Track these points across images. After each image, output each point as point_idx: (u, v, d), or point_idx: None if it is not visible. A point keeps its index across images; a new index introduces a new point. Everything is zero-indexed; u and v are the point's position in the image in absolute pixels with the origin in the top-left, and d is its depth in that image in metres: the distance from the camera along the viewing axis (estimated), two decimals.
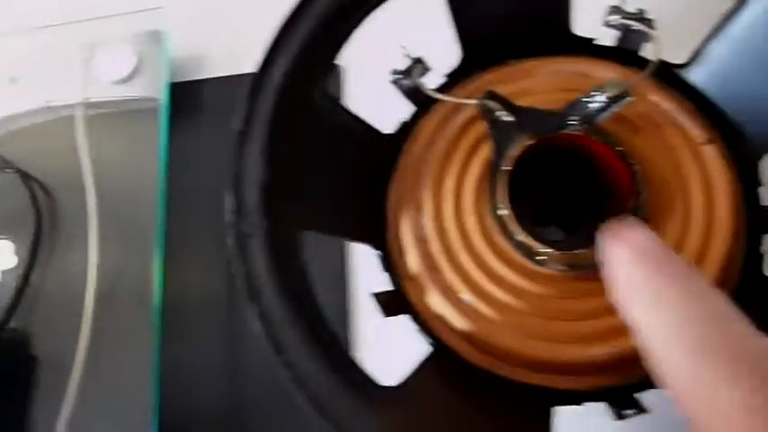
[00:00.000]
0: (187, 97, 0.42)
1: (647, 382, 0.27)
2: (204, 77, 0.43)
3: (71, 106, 0.41)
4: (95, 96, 0.41)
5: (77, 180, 0.40)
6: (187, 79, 0.43)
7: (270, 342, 0.23)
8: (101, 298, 0.38)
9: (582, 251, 0.27)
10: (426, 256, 0.29)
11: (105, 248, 0.39)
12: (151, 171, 0.39)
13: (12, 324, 0.38)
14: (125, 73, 0.41)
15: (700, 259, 0.28)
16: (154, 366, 0.35)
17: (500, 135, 0.29)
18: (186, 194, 0.40)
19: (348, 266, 0.38)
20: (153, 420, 0.35)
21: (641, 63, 0.31)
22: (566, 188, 0.32)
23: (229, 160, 0.26)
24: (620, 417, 0.26)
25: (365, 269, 0.37)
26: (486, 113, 0.29)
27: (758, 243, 0.29)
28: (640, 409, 0.26)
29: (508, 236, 0.28)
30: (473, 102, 0.29)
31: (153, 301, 0.36)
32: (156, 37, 0.41)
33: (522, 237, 0.27)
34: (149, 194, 0.38)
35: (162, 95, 0.40)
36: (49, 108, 0.42)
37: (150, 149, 0.39)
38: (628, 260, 0.22)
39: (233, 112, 0.27)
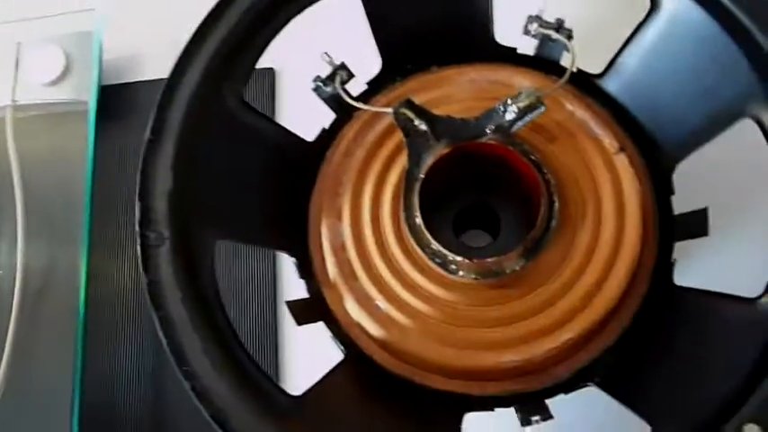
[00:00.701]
0: (118, 100, 0.41)
1: (555, 389, 0.28)
2: (136, 80, 0.43)
3: (1, 108, 0.40)
4: (24, 98, 0.40)
5: (6, 181, 0.39)
6: (118, 82, 0.43)
7: (171, 352, 0.23)
8: (27, 297, 0.37)
9: (493, 260, 0.28)
10: (344, 263, 0.29)
11: (32, 249, 0.38)
12: (80, 173, 0.38)
13: None
14: (54, 75, 0.40)
15: (609, 266, 0.28)
16: (77, 364, 0.35)
17: (416, 144, 0.29)
18: (114, 197, 0.39)
19: (279, 274, 0.38)
20: (74, 419, 0.35)
21: (561, 72, 0.31)
22: (488, 193, 0.32)
23: (138, 170, 0.26)
24: (528, 422, 0.27)
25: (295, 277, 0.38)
26: (402, 122, 0.29)
27: (669, 251, 0.30)
28: (547, 415, 0.27)
29: (423, 244, 0.28)
30: (389, 110, 0.29)
31: (77, 302, 0.36)
32: (86, 39, 0.41)
33: (435, 246, 0.28)
34: (77, 197, 0.38)
35: (91, 98, 0.40)
36: None
37: (79, 152, 0.39)
38: None
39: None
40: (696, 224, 0.29)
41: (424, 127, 0.29)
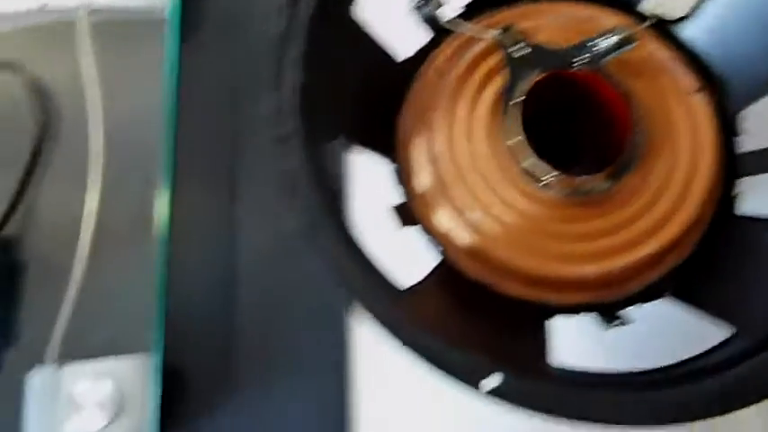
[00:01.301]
0: (196, 9, 0.42)
1: (632, 299, 0.30)
2: None
3: (73, 10, 0.40)
4: (98, 2, 0.41)
5: (78, 88, 0.39)
6: None
7: (306, 235, 0.25)
8: (101, 210, 0.38)
9: (582, 178, 0.30)
10: (437, 175, 0.31)
11: (108, 161, 0.38)
12: (157, 83, 0.39)
13: (8, 230, 0.38)
14: None
15: (683, 197, 0.31)
16: (159, 276, 0.36)
17: (514, 68, 0.31)
18: (192, 110, 0.40)
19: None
20: (159, 328, 0.36)
21: (639, 17, 0.34)
22: (566, 124, 0.34)
23: (269, 62, 0.27)
24: (608, 325, 0.29)
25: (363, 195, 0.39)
26: (503, 47, 0.31)
27: (732, 186, 0.32)
28: (625, 321, 0.29)
29: (516, 161, 0.30)
30: (492, 34, 0.31)
31: (160, 215, 0.37)
32: None
33: (530, 161, 0.30)
34: (156, 111, 0.38)
35: (170, 5, 0.40)
36: (45, 11, 0.41)
37: (156, 62, 0.39)
38: None
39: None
40: (760, 162, 0.32)
41: (523, 52, 0.31)
